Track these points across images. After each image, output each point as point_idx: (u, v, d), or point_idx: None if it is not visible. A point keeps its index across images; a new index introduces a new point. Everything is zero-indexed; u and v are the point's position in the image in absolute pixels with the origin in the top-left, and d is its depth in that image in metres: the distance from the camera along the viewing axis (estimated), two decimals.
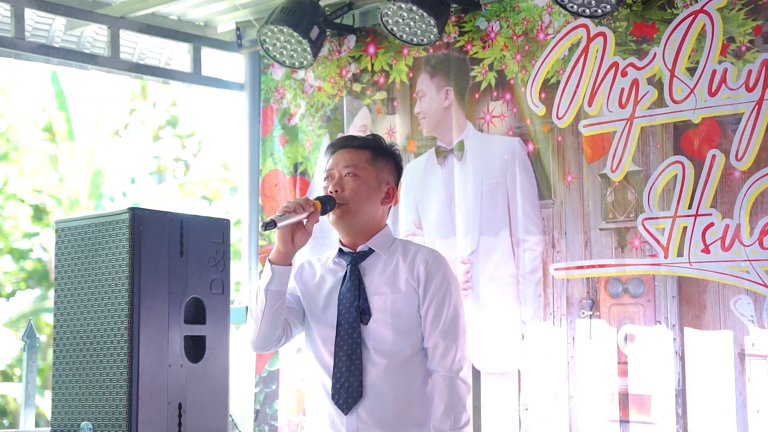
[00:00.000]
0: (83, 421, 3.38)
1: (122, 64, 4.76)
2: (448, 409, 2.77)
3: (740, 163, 3.55)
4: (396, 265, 2.91)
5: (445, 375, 2.81)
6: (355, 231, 2.94)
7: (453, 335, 2.84)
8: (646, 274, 3.75)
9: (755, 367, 3.48)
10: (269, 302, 2.87)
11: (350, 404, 2.83)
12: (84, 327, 3.41)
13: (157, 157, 14.29)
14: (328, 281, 2.97)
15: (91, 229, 3.45)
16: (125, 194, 13.77)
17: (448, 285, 2.87)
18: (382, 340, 2.85)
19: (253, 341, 2.95)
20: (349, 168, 2.91)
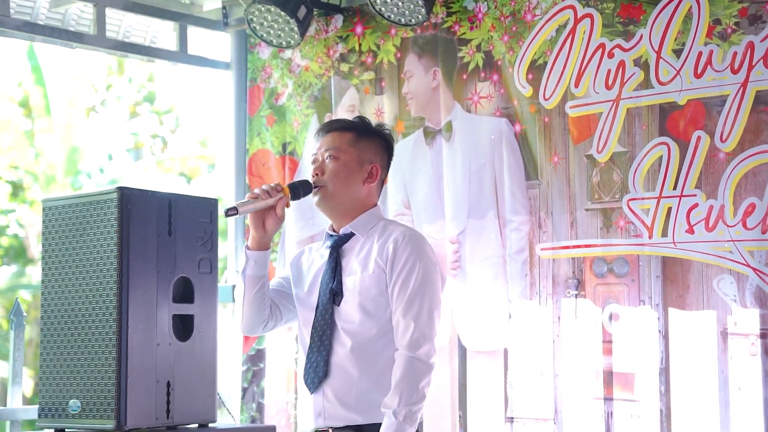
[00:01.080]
0: (71, 399, 3.39)
1: (107, 43, 4.74)
2: (399, 387, 2.74)
3: (725, 144, 3.58)
4: (371, 246, 2.92)
5: (402, 353, 2.78)
6: (338, 213, 2.97)
7: (414, 312, 2.80)
8: (631, 254, 3.79)
9: (737, 345, 3.53)
10: (248, 287, 2.93)
11: (315, 383, 2.86)
12: (72, 306, 3.43)
13: (134, 134, 14.22)
14: (315, 265, 3.01)
15: (79, 208, 3.46)
16: (102, 171, 13.70)
17: (416, 262, 2.84)
18: (350, 320, 2.87)
19: (241, 325, 3.02)
20: (330, 151, 2.94)
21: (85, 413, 3.35)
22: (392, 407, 2.73)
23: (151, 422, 3.38)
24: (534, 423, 3.97)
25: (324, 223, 4.67)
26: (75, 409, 3.38)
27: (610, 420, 3.78)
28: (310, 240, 4.66)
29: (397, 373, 2.77)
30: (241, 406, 4.85)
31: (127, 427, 3.30)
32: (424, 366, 2.78)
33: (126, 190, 3.41)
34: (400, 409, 2.72)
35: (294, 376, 4.73)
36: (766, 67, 3.47)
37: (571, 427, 3.87)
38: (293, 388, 4.73)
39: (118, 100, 14.03)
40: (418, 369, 2.77)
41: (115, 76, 13.98)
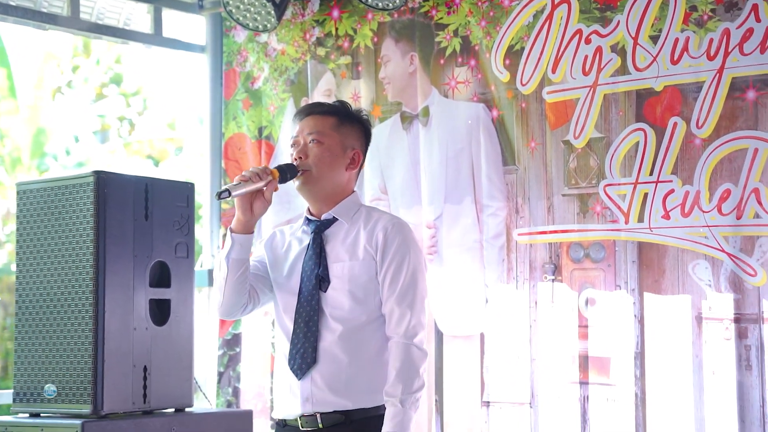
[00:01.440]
0: (47, 384, 3.37)
1: (81, 24, 4.68)
2: (400, 375, 2.78)
3: (701, 130, 3.60)
4: (357, 232, 2.92)
5: (399, 341, 2.81)
6: (319, 198, 2.96)
7: (409, 301, 2.84)
8: (607, 240, 3.81)
9: (712, 330, 3.56)
10: (231, 270, 2.91)
11: (304, 369, 2.86)
12: (48, 290, 3.40)
13: (101, 116, 14.08)
14: (294, 249, 3.00)
15: (55, 192, 3.43)
16: (69, 153, 13.58)
17: (407, 251, 2.87)
18: (339, 307, 2.87)
19: (219, 308, 3.01)
20: (313, 134, 2.93)
21: (61, 398, 3.33)
22: (396, 395, 2.76)
23: (128, 407, 3.37)
24: (510, 407, 4.00)
25: (300, 207, 4.69)
26: (51, 394, 3.36)
27: (585, 404, 3.81)
28: (287, 224, 4.64)
29: (397, 362, 2.80)
30: (216, 391, 4.85)
31: (103, 411, 3.28)
32: (421, 352, 2.83)
33: (102, 174, 3.38)
34: (404, 397, 2.76)
35: (271, 361, 4.73)
36: (742, 54, 3.50)
37: (547, 411, 3.90)
38: (270, 373, 4.72)
39: (85, 81, 13.88)
40: (417, 356, 2.82)
41: (82, 58, 13.82)
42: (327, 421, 2.83)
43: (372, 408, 2.83)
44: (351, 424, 2.83)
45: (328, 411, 2.84)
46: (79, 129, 13.86)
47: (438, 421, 4.18)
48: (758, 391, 3.43)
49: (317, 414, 2.84)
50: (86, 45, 13.49)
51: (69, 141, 13.74)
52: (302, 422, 2.86)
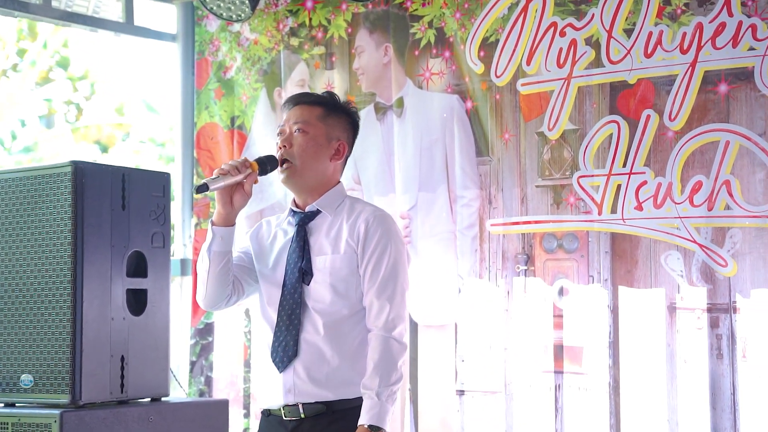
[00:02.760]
0: (23, 374, 3.36)
1: (53, 12, 4.66)
2: (378, 367, 2.77)
3: (673, 123, 3.66)
4: (340, 225, 2.91)
5: (378, 334, 2.81)
6: (304, 189, 2.95)
7: (388, 294, 2.83)
8: (581, 231, 3.86)
9: (683, 319, 3.63)
10: (213, 263, 2.90)
11: (285, 362, 2.87)
12: (24, 280, 3.38)
13: (48, 100, 13.90)
14: (279, 241, 2.98)
15: (30, 182, 3.41)
16: (15, 137, 13.42)
17: (387, 242, 2.86)
18: (320, 300, 2.86)
19: (203, 300, 2.99)
20: (299, 124, 2.91)
21: (38, 387, 3.32)
22: (373, 388, 2.76)
23: (106, 396, 3.36)
24: (483, 396, 4.04)
25: (272, 197, 4.71)
26: (27, 384, 3.34)
27: (558, 392, 3.86)
28: (260, 215, 4.66)
29: (375, 354, 2.79)
30: (189, 380, 4.85)
31: (81, 401, 3.27)
32: (400, 345, 2.83)
33: (80, 163, 3.36)
34: (381, 390, 2.76)
35: (244, 350, 4.74)
36: (714, 48, 3.56)
37: (520, 400, 3.95)
38: (243, 362, 4.73)
39: (32, 65, 13.68)
40: (395, 349, 2.81)
41: (27, 41, 13.62)
42: (309, 411, 2.84)
43: (353, 399, 2.83)
44: (332, 414, 2.84)
45: (309, 402, 2.85)
46: (25, 113, 13.67)
47: (412, 410, 4.22)
48: (729, 380, 3.50)
49: (299, 404, 2.85)
50: (31, 28, 13.28)
51: (15, 125, 13.54)
52: (285, 412, 2.87)
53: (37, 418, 3.22)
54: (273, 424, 2.91)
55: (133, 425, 3.36)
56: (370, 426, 2.75)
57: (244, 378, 4.72)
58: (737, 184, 3.51)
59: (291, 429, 2.86)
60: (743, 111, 3.51)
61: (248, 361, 4.72)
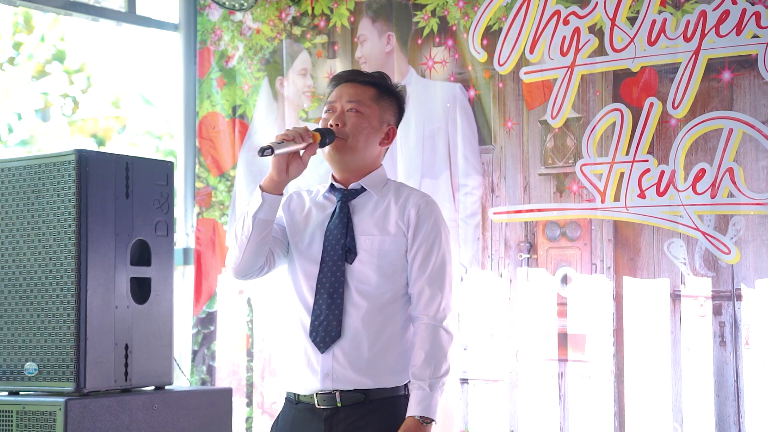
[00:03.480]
0: (28, 362, 3.36)
1: (54, 1, 4.65)
2: (429, 358, 2.69)
3: (676, 111, 3.66)
4: (387, 206, 2.82)
5: (429, 323, 2.72)
6: (350, 168, 2.84)
7: (439, 283, 2.76)
8: (583, 219, 3.86)
9: (686, 307, 3.63)
10: (255, 230, 2.75)
11: (327, 343, 2.74)
12: (28, 268, 3.39)
13: (44, 93, 13.88)
14: (315, 216, 2.87)
15: (34, 170, 3.41)
16: (11, 130, 13.40)
17: (438, 231, 2.79)
18: (365, 281, 2.76)
19: (235, 268, 2.84)
20: (353, 103, 2.80)
21: (42, 376, 3.33)
22: (425, 379, 2.69)
23: (110, 384, 3.37)
24: (486, 384, 4.05)
25: None
26: (32, 372, 3.35)
27: (561, 380, 3.87)
28: None
29: (426, 344, 2.72)
30: (191, 369, 4.86)
31: (86, 389, 3.28)
32: (449, 335, 2.76)
33: (84, 152, 3.37)
34: (433, 381, 2.69)
35: (246, 340, 4.74)
36: (718, 36, 3.55)
37: (523, 388, 3.95)
38: (245, 351, 4.74)
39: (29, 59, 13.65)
40: (445, 339, 2.74)
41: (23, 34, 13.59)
42: (346, 399, 2.72)
43: (392, 388, 2.74)
44: (370, 404, 2.73)
45: (348, 389, 2.72)
46: (22, 106, 13.65)
47: None
48: (732, 367, 3.51)
49: (336, 392, 2.73)
50: (27, 20, 13.24)
51: (12, 118, 13.52)
52: (318, 399, 2.74)
53: (42, 406, 3.23)
54: (303, 413, 2.78)
55: (137, 413, 3.37)
56: (421, 417, 2.66)
57: (247, 367, 4.73)
58: (740, 171, 3.52)
59: (325, 418, 2.73)
60: (747, 98, 3.51)
61: (250, 351, 4.73)
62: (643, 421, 3.69)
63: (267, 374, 4.69)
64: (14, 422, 3.26)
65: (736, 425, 3.48)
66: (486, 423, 4.04)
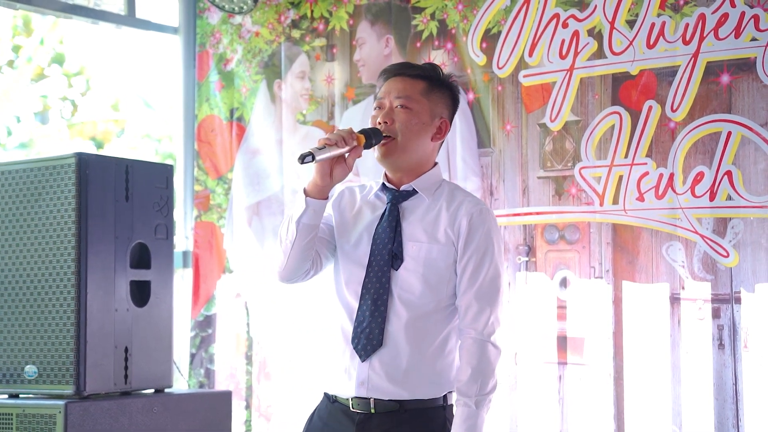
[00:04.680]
0: (27, 365, 3.37)
1: (54, 4, 4.65)
2: (476, 374, 2.59)
3: (675, 114, 3.67)
4: (438, 212, 2.70)
5: (476, 338, 2.61)
6: (402, 168, 2.72)
7: (489, 297, 2.65)
8: (582, 222, 3.87)
9: (685, 310, 3.63)
10: (300, 235, 2.65)
11: (369, 351, 2.65)
12: (28, 271, 3.39)
13: (44, 96, 13.88)
14: (365, 215, 2.76)
15: (34, 173, 3.42)
16: (10, 133, 13.40)
17: (490, 242, 2.66)
18: (408, 290, 2.65)
19: (281, 272, 2.75)
20: (402, 99, 2.69)
21: (42, 378, 3.33)
22: (471, 396, 2.59)
23: (110, 387, 3.38)
24: None
25: (269, 189, 4.71)
26: (32, 375, 3.35)
27: (560, 384, 3.87)
28: (257, 206, 4.67)
29: (473, 359, 2.61)
30: (189, 372, 4.86)
31: (86, 392, 3.29)
32: (497, 351, 2.65)
33: (84, 155, 3.38)
34: (480, 398, 2.60)
35: (244, 343, 4.75)
36: (717, 39, 3.56)
37: (523, 391, 3.96)
38: (243, 354, 4.74)
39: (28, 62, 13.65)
40: (493, 354, 2.64)
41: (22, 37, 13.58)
42: (380, 407, 2.65)
43: (428, 400, 2.66)
44: (405, 413, 2.64)
45: (383, 398, 2.64)
46: (21, 109, 13.64)
47: None
48: (731, 370, 3.51)
49: (371, 399, 2.65)
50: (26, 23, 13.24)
51: (11, 121, 13.52)
52: (353, 403, 2.67)
53: (42, 409, 3.23)
54: (337, 412, 2.71)
55: (137, 416, 3.38)
56: None
57: (245, 371, 4.73)
58: (739, 174, 3.52)
59: (357, 421, 2.66)
60: (745, 101, 3.52)
61: (247, 354, 4.73)
62: (642, 424, 3.69)
63: (262, 377, 4.69)
64: (14, 425, 3.26)
65: (735, 428, 3.49)
66: (485, 426, 4.03)
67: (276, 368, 4.65)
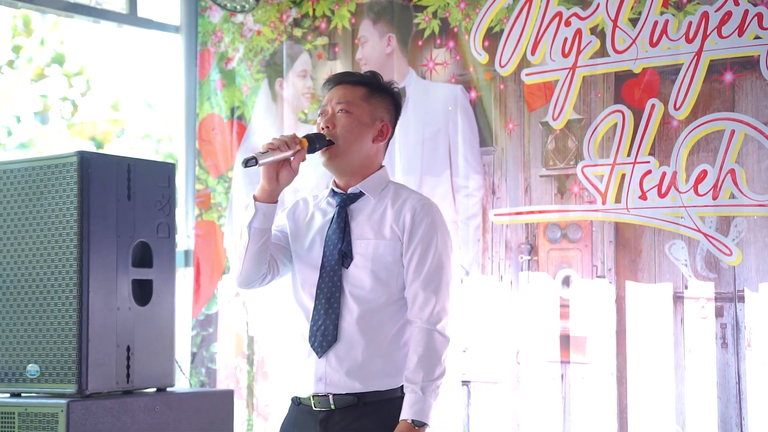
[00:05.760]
0: (29, 364, 3.36)
1: (56, 3, 4.65)
2: (422, 361, 2.68)
3: (678, 112, 3.66)
4: (384, 210, 2.81)
5: (422, 326, 2.71)
6: (347, 171, 2.84)
7: (434, 286, 2.74)
8: (584, 220, 3.86)
9: (688, 308, 3.63)
10: (252, 240, 2.78)
11: (324, 347, 2.76)
12: (29, 270, 3.39)
13: (44, 96, 13.86)
14: (317, 221, 2.88)
15: (36, 172, 3.41)
16: (10, 133, 13.38)
17: (434, 233, 2.77)
18: (359, 285, 2.77)
19: (238, 278, 2.88)
20: (342, 104, 2.80)
21: (44, 377, 3.33)
22: (417, 382, 2.68)
23: (112, 386, 3.37)
24: (487, 386, 4.04)
25: None
26: (33, 374, 3.35)
27: (562, 382, 3.87)
28: None
29: (419, 347, 2.71)
30: (190, 371, 4.85)
31: (88, 391, 3.28)
32: (444, 339, 2.74)
33: (86, 153, 3.38)
34: (425, 384, 2.68)
35: (244, 342, 4.74)
36: (719, 37, 3.56)
37: (525, 390, 3.95)
38: (242, 353, 4.73)
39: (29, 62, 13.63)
40: (440, 342, 2.72)
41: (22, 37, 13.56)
42: (339, 402, 2.74)
43: (386, 391, 2.74)
44: (364, 407, 2.73)
45: (340, 393, 2.74)
46: (21, 109, 13.63)
47: None
48: (734, 369, 3.51)
49: (330, 395, 2.75)
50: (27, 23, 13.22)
51: (11, 121, 13.50)
52: (315, 402, 2.77)
53: (44, 408, 3.22)
54: (302, 413, 2.81)
55: (139, 415, 3.37)
56: (413, 421, 2.65)
57: (247, 370, 4.72)
58: (742, 172, 3.52)
59: (320, 420, 2.76)
60: (749, 100, 3.52)
61: (248, 354, 4.72)
62: (645, 423, 3.69)
63: (260, 377, 4.68)
64: (16, 424, 3.25)
65: (738, 427, 3.48)
66: (487, 425, 4.04)
67: (273, 368, 4.65)
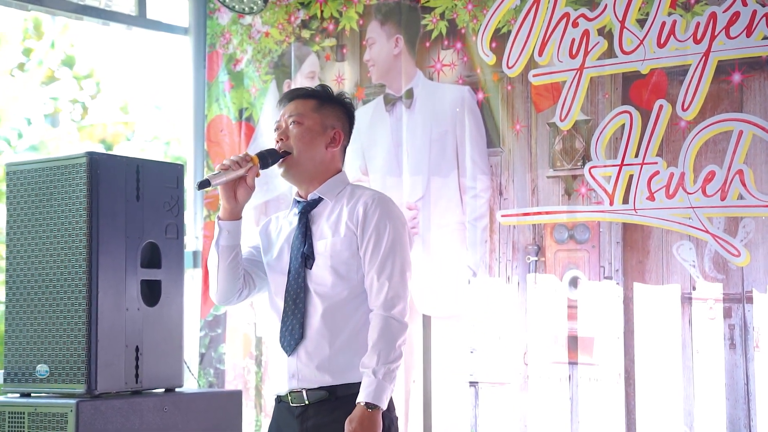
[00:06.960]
0: (39, 364, 3.37)
1: (66, 5, 4.66)
2: (376, 346, 2.81)
3: (686, 113, 3.66)
4: (340, 209, 2.96)
5: (378, 313, 2.85)
6: (304, 180, 3.01)
7: (387, 273, 2.87)
8: (592, 221, 3.86)
9: (696, 310, 3.63)
10: (222, 257, 2.98)
11: (292, 346, 2.91)
12: (39, 271, 3.40)
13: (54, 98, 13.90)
14: (284, 232, 3.05)
15: (46, 173, 3.43)
16: (21, 136, 13.43)
17: (386, 223, 2.90)
18: (321, 283, 2.91)
19: (215, 295, 3.07)
20: (294, 116, 2.98)
21: (53, 377, 3.34)
22: (371, 366, 2.80)
23: (121, 386, 3.38)
24: (495, 387, 4.05)
25: (276, 189, 4.71)
26: (43, 374, 3.36)
27: (570, 383, 3.87)
28: (265, 206, 4.68)
29: (374, 333, 2.83)
30: (199, 372, 4.86)
31: (97, 391, 3.29)
32: (400, 325, 2.86)
33: (95, 154, 3.39)
34: (378, 368, 2.79)
35: (252, 343, 4.75)
36: (728, 38, 3.55)
37: (533, 391, 3.95)
38: (250, 354, 4.74)
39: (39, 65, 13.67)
40: (394, 328, 2.85)
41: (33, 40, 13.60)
42: (312, 397, 2.89)
43: (356, 384, 2.85)
44: (336, 400, 2.88)
45: (312, 387, 2.89)
46: (31, 112, 13.67)
47: (425, 402, 4.22)
48: (742, 370, 3.50)
49: (303, 390, 2.90)
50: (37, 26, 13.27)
51: (21, 124, 13.55)
52: (291, 398, 2.93)
53: (53, 408, 3.24)
54: (283, 411, 2.97)
55: (148, 415, 3.38)
56: (367, 404, 2.77)
57: (256, 372, 4.73)
58: (750, 173, 3.51)
59: (297, 415, 2.91)
60: (757, 100, 3.51)
61: (257, 354, 4.73)
62: (653, 424, 3.69)
63: (268, 378, 4.70)
64: (26, 424, 3.27)
65: (747, 428, 3.48)
66: (495, 426, 4.04)
67: None
